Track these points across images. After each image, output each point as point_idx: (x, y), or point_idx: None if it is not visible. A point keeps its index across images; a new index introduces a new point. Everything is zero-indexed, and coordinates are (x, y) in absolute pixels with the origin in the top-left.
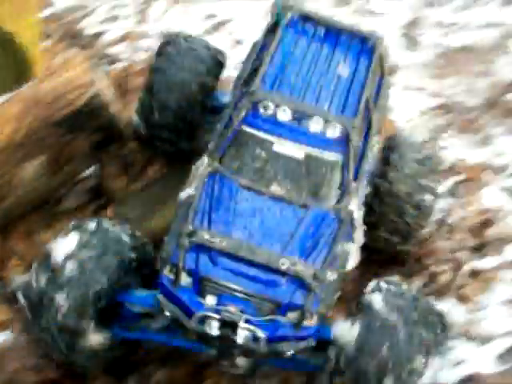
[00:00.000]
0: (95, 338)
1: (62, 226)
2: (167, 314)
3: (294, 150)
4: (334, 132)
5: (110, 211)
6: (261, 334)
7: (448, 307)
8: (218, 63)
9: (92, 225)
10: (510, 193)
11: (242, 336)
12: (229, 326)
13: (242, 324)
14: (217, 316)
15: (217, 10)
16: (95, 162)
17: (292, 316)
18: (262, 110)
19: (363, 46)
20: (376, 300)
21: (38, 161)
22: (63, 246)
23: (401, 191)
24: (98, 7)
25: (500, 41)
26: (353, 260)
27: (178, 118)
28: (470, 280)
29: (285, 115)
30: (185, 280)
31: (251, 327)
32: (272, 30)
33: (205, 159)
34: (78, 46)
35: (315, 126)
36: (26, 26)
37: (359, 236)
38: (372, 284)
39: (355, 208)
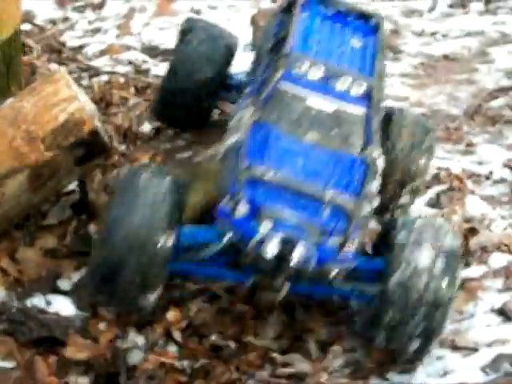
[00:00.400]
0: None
1: (45, 242)
2: (226, 239)
3: (324, 104)
4: (358, 90)
5: (93, 226)
6: (311, 256)
7: None
8: (231, 48)
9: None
10: (493, 201)
11: (296, 257)
12: (285, 247)
13: (298, 246)
14: (275, 238)
15: None
16: (78, 177)
17: (335, 242)
18: (295, 70)
19: (368, 24)
20: None
21: (21, 177)
22: None
23: (396, 161)
24: (80, 20)
25: (481, 49)
26: (376, 200)
27: (196, 97)
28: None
29: (315, 75)
30: (242, 209)
31: (304, 249)
32: (286, 10)
33: (248, 111)
34: (59, 60)
35: (341, 85)
36: (8, 37)
37: (379, 180)
38: None
39: (377, 156)
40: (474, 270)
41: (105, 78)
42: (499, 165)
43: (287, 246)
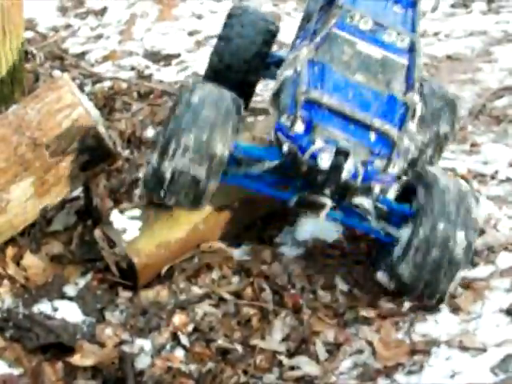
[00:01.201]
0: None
1: (50, 249)
2: (284, 149)
3: (372, 50)
4: (402, 43)
5: (98, 232)
6: (359, 171)
7: (441, 319)
8: (271, 30)
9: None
10: (499, 201)
11: (347, 169)
12: (337, 159)
13: (349, 159)
14: (329, 151)
15: (202, 25)
16: (83, 183)
17: (380, 163)
18: (347, 20)
19: None
20: None
21: (26, 183)
22: None
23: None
24: (82, 27)
25: (484, 49)
26: (414, 139)
27: (240, 77)
28: (463, 290)
29: (366, 25)
30: (299, 127)
31: (354, 163)
32: None
33: (303, 51)
34: (62, 67)
35: (389, 37)
36: (12, 45)
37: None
38: None
39: (417, 100)
40: (482, 270)
41: (108, 83)
42: (505, 164)
43: (339, 157)
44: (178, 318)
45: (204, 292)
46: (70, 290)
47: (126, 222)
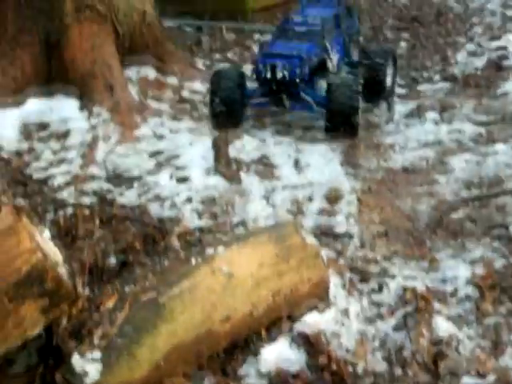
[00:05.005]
0: None
1: None
2: (255, 77)
3: (302, 29)
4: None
5: (59, 376)
6: (298, 71)
7: None
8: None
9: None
10: (460, 320)
11: (279, 72)
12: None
13: (277, 68)
14: (268, 68)
15: (163, 146)
16: (45, 323)
17: (299, 70)
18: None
19: None
20: None
21: None
22: None
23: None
24: (45, 150)
25: (439, 159)
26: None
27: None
28: None
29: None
30: (261, 66)
31: (282, 69)
32: None
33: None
34: (24, 193)
35: (312, 19)
36: None
37: None
38: None
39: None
40: None
41: (70, 210)
42: (463, 281)
43: (283, 70)
44: None
45: None
46: None
47: (86, 365)
